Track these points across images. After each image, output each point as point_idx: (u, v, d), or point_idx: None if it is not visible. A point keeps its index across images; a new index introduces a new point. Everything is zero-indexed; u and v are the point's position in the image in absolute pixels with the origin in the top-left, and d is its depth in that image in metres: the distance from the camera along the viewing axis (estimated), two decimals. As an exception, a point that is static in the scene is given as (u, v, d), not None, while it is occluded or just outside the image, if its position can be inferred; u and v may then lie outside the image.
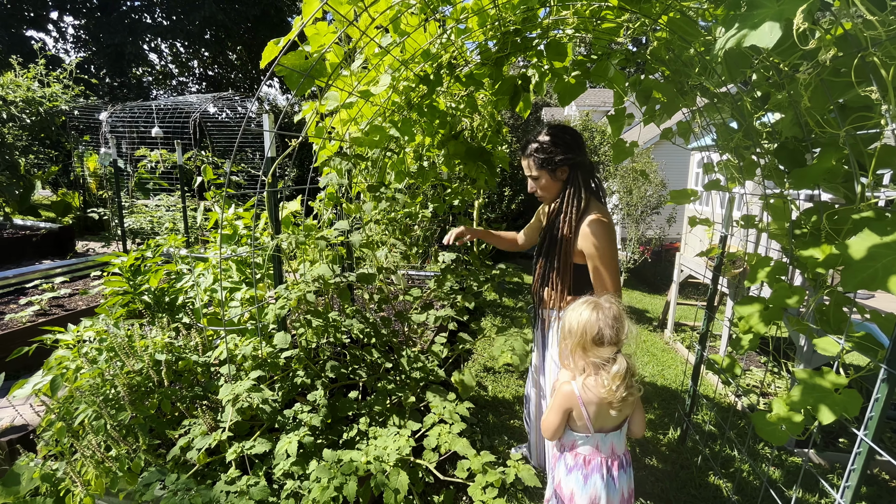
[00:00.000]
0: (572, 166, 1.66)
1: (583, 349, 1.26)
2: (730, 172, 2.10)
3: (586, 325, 1.24)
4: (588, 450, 1.32)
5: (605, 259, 1.56)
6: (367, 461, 1.44)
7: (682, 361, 3.88)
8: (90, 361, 1.63)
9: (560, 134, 1.67)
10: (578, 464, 1.33)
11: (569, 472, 1.36)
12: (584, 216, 1.60)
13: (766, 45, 0.87)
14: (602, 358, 1.24)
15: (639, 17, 1.90)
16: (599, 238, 1.55)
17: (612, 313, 1.24)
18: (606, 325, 1.22)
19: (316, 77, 1.65)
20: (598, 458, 1.31)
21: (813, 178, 1.36)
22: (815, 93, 1.28)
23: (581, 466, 1.32)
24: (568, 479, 1.36)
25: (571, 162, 1.65)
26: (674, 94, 2.03)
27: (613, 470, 1.31)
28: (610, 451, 1.31)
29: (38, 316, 3.39)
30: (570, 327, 1.28)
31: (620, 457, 1.33)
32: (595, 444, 1.31)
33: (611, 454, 1.32)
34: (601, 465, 1.30)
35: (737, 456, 2.42)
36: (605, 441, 1.31)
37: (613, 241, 1.59)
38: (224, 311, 1.90)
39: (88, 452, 1.40)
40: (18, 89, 6.30)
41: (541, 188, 1.73)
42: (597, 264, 1.57)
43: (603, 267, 1.56)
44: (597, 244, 1.55)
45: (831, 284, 1.46)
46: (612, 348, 1.24)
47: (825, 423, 1.22)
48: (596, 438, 1.31)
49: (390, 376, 2.07)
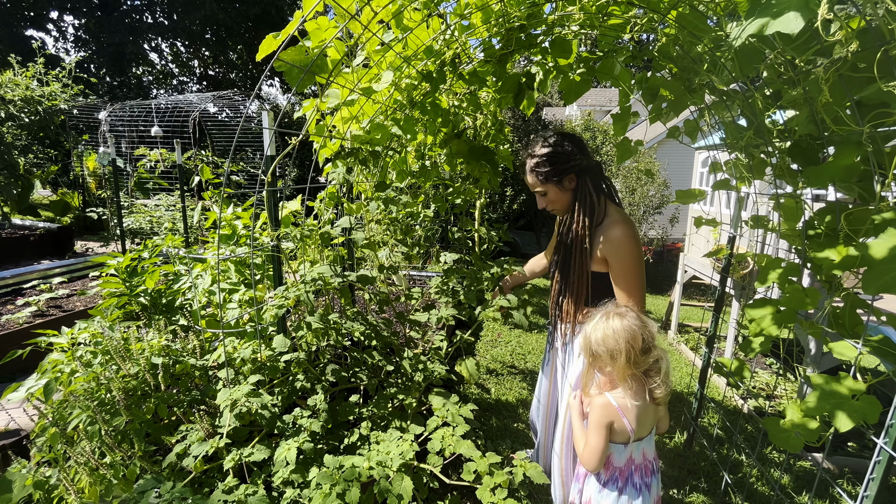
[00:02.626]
0: (578, 173, 1.58)
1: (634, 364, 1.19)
2: (738, 172, 2.05)
3: (628, 338, 1.17)
4: (623, 461, 1.28)
5: (631, 264, 1.47)
6: (370, 466, 1.40)
7: (686, 363, 3.84)
8: (85, 365, 1.59)
9: (559, 142, 1.60)
10: (614, 477, 1.28)
11: (601, 487, 1.30)
12: (603, 222, 1.53)
13: (791, 32, 0.84)
14: (649, 364, 1.19)
15: (646, 13, 1.86)
16: (624, 243, 1.47)
17: (634, 315, 1.20)
18: (642, 328, 1.17)
19: (317, 73, 1.61)
20: (631, 467, 1.27)
21: (830, 175, 1.32)
22: (833, 89, 1.24)
23: (616, 480, 1.27)
24: (600, 495, 1.30)
25: (577, 168, 1.57)
26: (682, 92, 1.98)
27: (647, 477, 1.27)
28: (642, 457, 1.27)
29: (36, 317, 3.35)
30: (610, 349, 1.19)
31: (651, 462, 1.29)
32: (629, 454, 1.27)
33: (643, 460, 1.27)
34: (634, 473, 1.26)
35: (745, 461, 2.38)
36: (639, 447, 1.27)
37: (638, 244, 1.49)
38: (222, 313, 1.86)
39: (82, 459, 1.36)
40: (17, 88, 6.26)
41: (550, 202, 1.65)
42: (621, 271, 1.48)
43: (629, 273, 1.47)
44: (621, 250, 1.47)
45: (847, 287, 1.42)
46: (656, 350, 1.19)
47: (843, 430, 1.18)
48: (630, 448, 1.26)
49: (392, 379, 2.02)
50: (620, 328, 1.19)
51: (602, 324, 1.23)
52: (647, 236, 7.86)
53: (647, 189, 7.10)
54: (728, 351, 3.62)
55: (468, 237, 3.08)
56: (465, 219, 2.80)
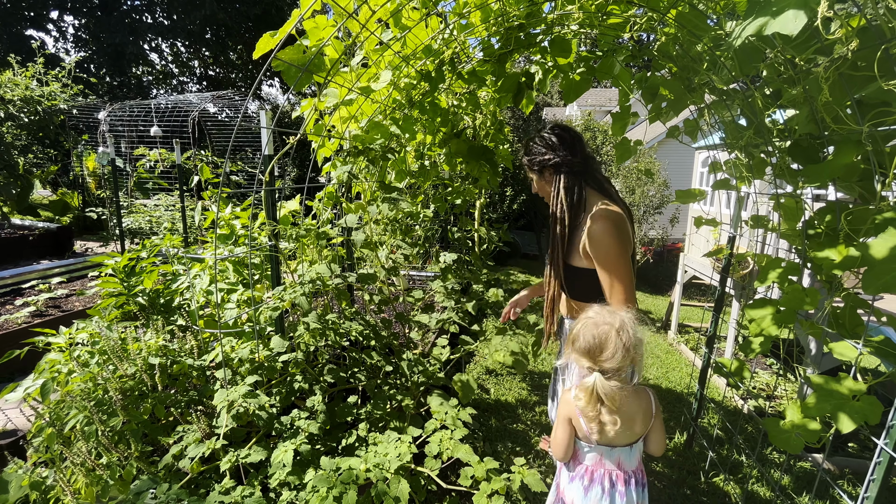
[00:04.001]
0: (555, 166, 1.55)
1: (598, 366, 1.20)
2: (738, 171, 2.05)
3: (594, 339, 1.19)
4: (592, 460, 1.27)
5: (609, 259, 1.41)
6: (367, 469, 1.39)
7: (686, 363, 3.83)
8: (82, 365, 1.58)
9: (549, 135, 1.59)
10: (580, 473, 1.28)
11: (570, 480, 1.31)
12: (586, 217, 1.49)
13: (790, 32, 0.83)
14: (611, 369, 1.18)
15: (646, 12, 1.85)
16: (602, 237, 1.41)
17: (609, 320, 1.19)
18: (615, 335, 1.17)
19: (315, 72, 1.60)
20: (600, 469, 1.26)
21: (830, 174, 1.31)
22: (833, 87, 1.23)
23: (582, 476, 1.27)
24: (570, 486, 1.31)
25: (554, 162, 1.55)
26: (681, 91, 1.97)
27: (619, 484, 1.24)
28: (616, 464, 1.26)
29: (35, 317, 3.35)
30: (578, 346, 1.22)
31: (629, 472, 1.27)
32: (599, 456, 1.26)
33: (616, 467, 1.26)
34: (604, 476, 1.25)
35: (745, 461, 2.37)
36: (612, 454, 1.25)
37: (620, 239, 1.41)
38: (220, 313, 1.86)
39: (79, 460, 1.35)
40: (17, 88, 6.25)
41: (538, 189, 1.66)
42: (601, 266, 1.43)
43: (609, 269, 1.41)
44: (597, 244, 1.41)
45: (846, 287, 1.41)
46: (621, 358, 1.18)
47: (845, 431, 1.17)
48: (601, 450, 1.25)
49: (390, 380, 2.02)
50: (591, 326, 1.19)
51: (581, 321, 1.24)
52: (648, 236, 7.85)
53: (646, 189, 7.09)
54: (728, 351, 3.61)
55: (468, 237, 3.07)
56: (464, 219, 2.79)
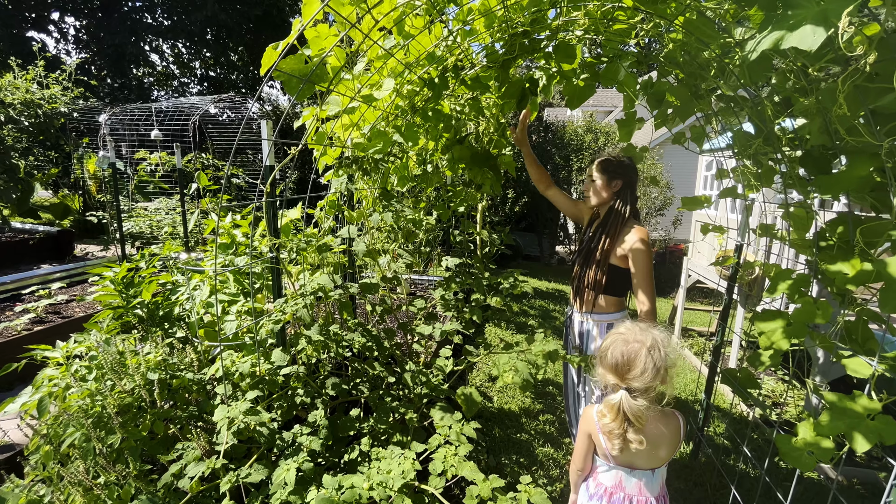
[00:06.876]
0: (625, 183, 1.93)
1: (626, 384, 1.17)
2: (746, 179, 2.01)
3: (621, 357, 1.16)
4: (610, 481, 1.23)
5: (645, 267, 1.77)
6: (370, 487, 1.36)
7: (691, 369, 3.80)
8: (80, 380, 1.56)
9: (626, 159, 2.00)
10: (599, 494, 1.24)
11: (589, 498, 1.28)
12: (628, 226, 1.85)
13: (808, 48, 0.79)
14: (607, 382, 1.16)
15: (652, 18, 1.82)
16: (642, 248, 1.78)
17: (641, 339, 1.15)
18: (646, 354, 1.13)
19: (316, 82, 1.57)
20: (620, 493, 1.22)
21: (844, 186, 1.28)
22: (847, 98, 1.20)
23: (601, 497, 1.24)
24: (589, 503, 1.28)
25: (625, 179, 1.93)
26: (688, 98, 1.94)
27: None
28: (637, 489, 1.22)
29: (35, 324, 3.33)
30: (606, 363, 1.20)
31: (651, 499, 1.22)
32: (618, 479, 1.23)
33: (638, 492, 1.22)
34: (623, 501, 1.21)
35: (751, 472, 2.33)
36: (630, 478, 1.21)
37: (651, 254, 1.83)
38: (220, 325, 1.83)
39: (76, 479, 1.33)
40: (17, 91, 6.24)
41: (594, 190, 1.97)
42: (640, 278, 1.77)
43: (642, 275, 1.77)
44: (639, 253, 1.78)
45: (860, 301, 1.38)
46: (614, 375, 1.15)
47: (860, 452, 1.14)
48: (619, 472, 1.22)
49: (393, 391, 1.99)
50: (621, 343, 1.16)
51: (611, 336, 1.20)
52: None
53: (650, 191, 7.05)
54: (733, 357, 3.58)
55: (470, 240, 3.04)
56: (466, 222, 2.76)
